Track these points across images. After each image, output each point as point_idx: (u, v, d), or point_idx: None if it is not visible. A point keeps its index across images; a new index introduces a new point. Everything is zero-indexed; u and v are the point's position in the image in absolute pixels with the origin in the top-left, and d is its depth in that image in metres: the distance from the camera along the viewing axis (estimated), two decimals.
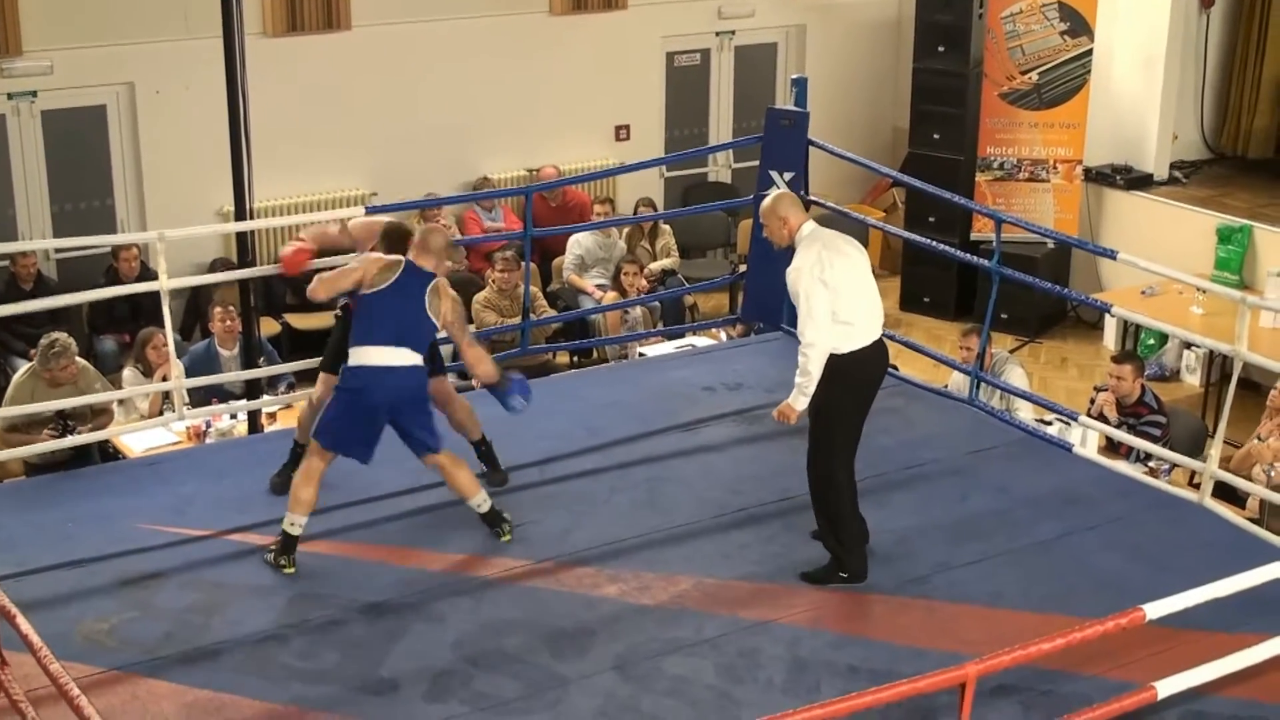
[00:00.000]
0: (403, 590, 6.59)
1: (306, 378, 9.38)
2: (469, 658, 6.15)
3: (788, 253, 8.57)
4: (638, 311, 11.52)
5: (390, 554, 6.92)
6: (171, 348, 8.03)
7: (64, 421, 8.38)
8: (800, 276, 6.57)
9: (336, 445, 6.75)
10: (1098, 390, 9.55)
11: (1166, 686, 4.76)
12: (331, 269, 7.11)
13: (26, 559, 6.74)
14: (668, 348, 10.55)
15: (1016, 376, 9.49)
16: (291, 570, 6.71)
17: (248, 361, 8.95)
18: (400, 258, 6.85)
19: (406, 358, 6.70)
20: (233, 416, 9.11)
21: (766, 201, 6.94)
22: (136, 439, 8.92)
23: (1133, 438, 8.40)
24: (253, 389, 8.91)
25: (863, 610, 6.62)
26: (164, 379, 8.67)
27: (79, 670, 5.75)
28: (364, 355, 6.69)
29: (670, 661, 6.17)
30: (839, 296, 6.56)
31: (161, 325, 8.20)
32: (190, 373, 9.37)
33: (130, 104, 12.07)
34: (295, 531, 6.71)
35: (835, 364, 6.54)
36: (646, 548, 7.02)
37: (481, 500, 7.01)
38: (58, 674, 4.12)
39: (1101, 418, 9.08)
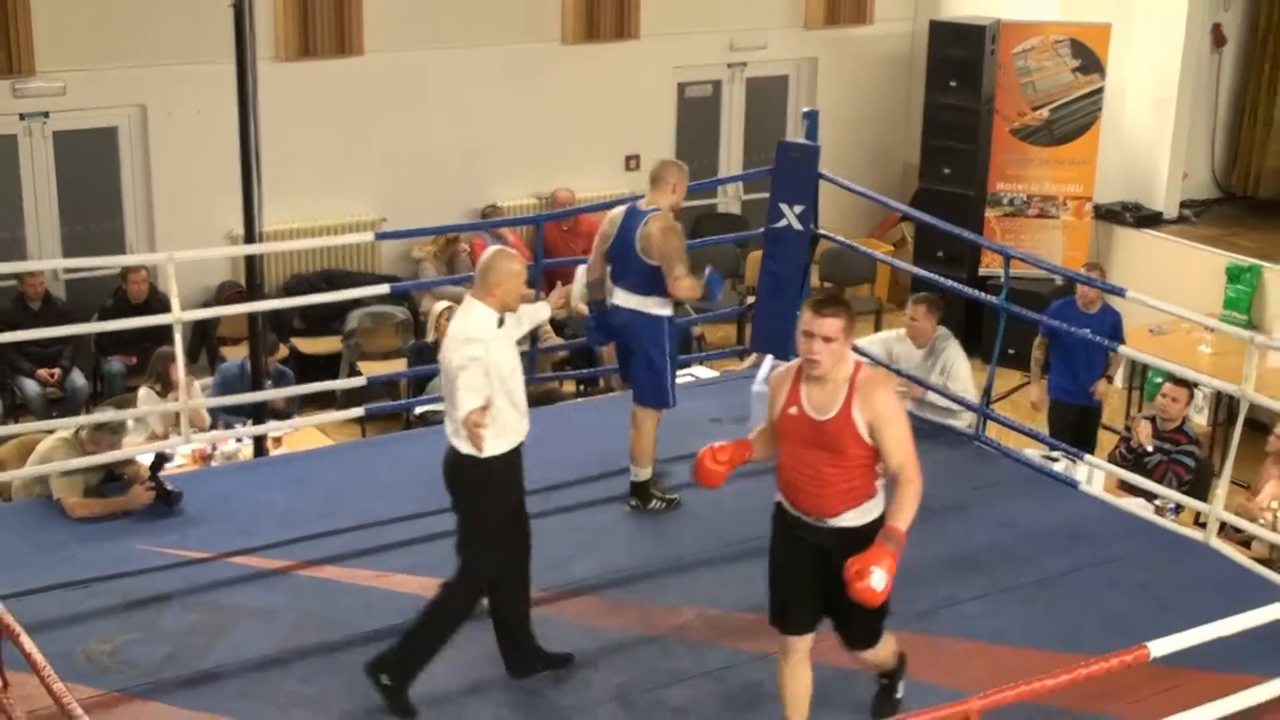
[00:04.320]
0: (405, 617, 6.56)
1: (314, 401, 9.48)
2: (470, 687, 6.15)
3: (791, 285, 8.59)
4: None
5: (393, 580, 6.92)
6: (181, 372, 8.06)
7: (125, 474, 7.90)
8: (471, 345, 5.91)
9: None
10: (1131, 419, 9.59)
11: None
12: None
13: (30, 578, 6.76)
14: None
15: (956, 354, 9.19)
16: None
17: (256, 386, 8.97)
18: None
19: None
20: (238, 440, 9.12)
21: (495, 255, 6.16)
22: (143, 461, 8.93)
23: (1146, 481, 8.33)
24: (259, 413, 8.94)
25: None
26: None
27: (82, 692, 5.75)
28: None
29: (672, 693, 6.17)
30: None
31: (170, 344, 8.20)
32: (221, 391, 9.42)
33: (142, 126, 12.12)
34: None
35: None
36: (649, 577, 7.03)
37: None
38: (60, 694, 4.13)
39: (1126, 452, 9.11)
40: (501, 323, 6.00)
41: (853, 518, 5.42)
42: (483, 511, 5.99)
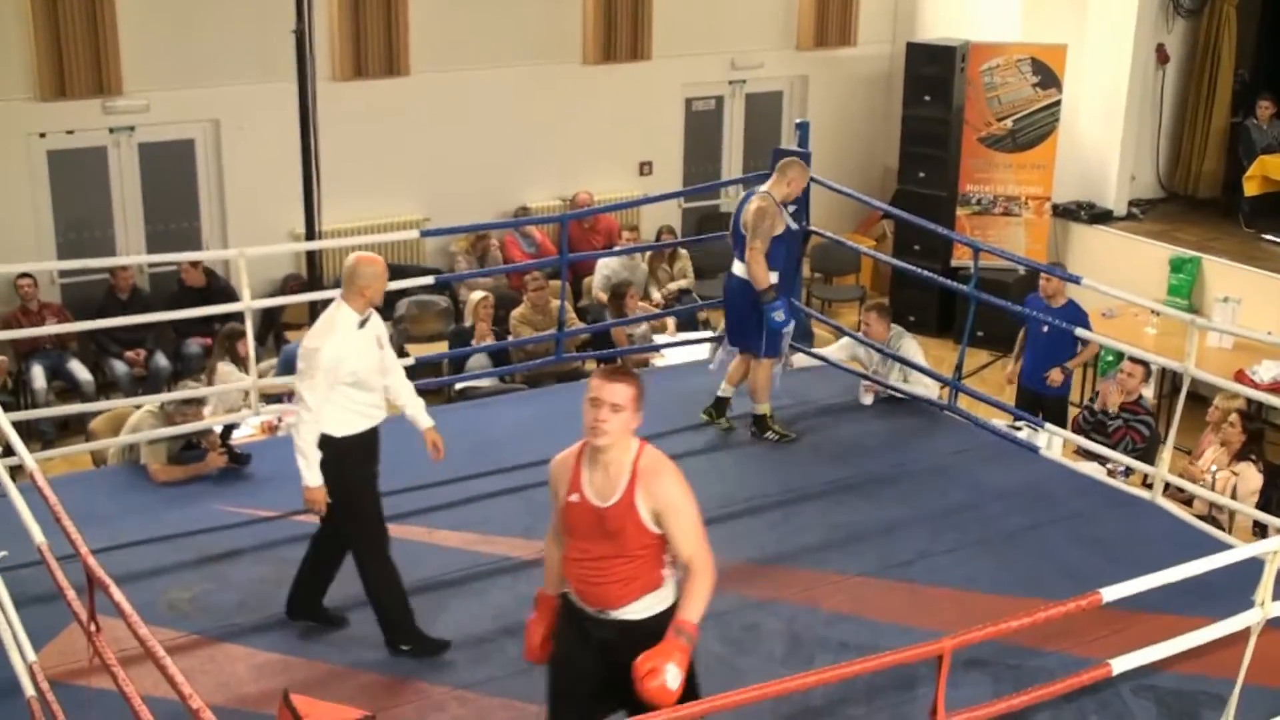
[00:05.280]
0: (449, 568, 6.59)
1: None
2: (505, 628, 6.14)
3: (786, 275, 8.50)
4: (644, 328, 11.49)
5: (440, 536, 6.93)
6: (251, 353, 8.04)
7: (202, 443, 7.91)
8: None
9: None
10: (1100, 388, 9.57)
11: (1120, 664, 4.74)
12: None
13: (119, 535, 6.78)
14: (675, 360, 10.51)
15: (912, 349, 9.12)
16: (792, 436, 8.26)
17: None
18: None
19: None
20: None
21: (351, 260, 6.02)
22: (217, 430, 8.92)
23: (1099, 447, 8.31)
24: None
25: (852, 592, 6.60)
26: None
27: (164, 635, 5.77)
28: None
29: None
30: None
31: (241, 324, 8.20)
32: (284, 370, 9.41)
33: (215, 138, 12.11)
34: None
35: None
36: None
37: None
38: (145, 638, 4.11)
39: (1089, 415, 9.09)
40: (364, 323, 5.91)
41: (638, 610, 4.55)
42: (342, 482, 5.88)
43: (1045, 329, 9.20)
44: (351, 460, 5.88)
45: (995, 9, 13.91)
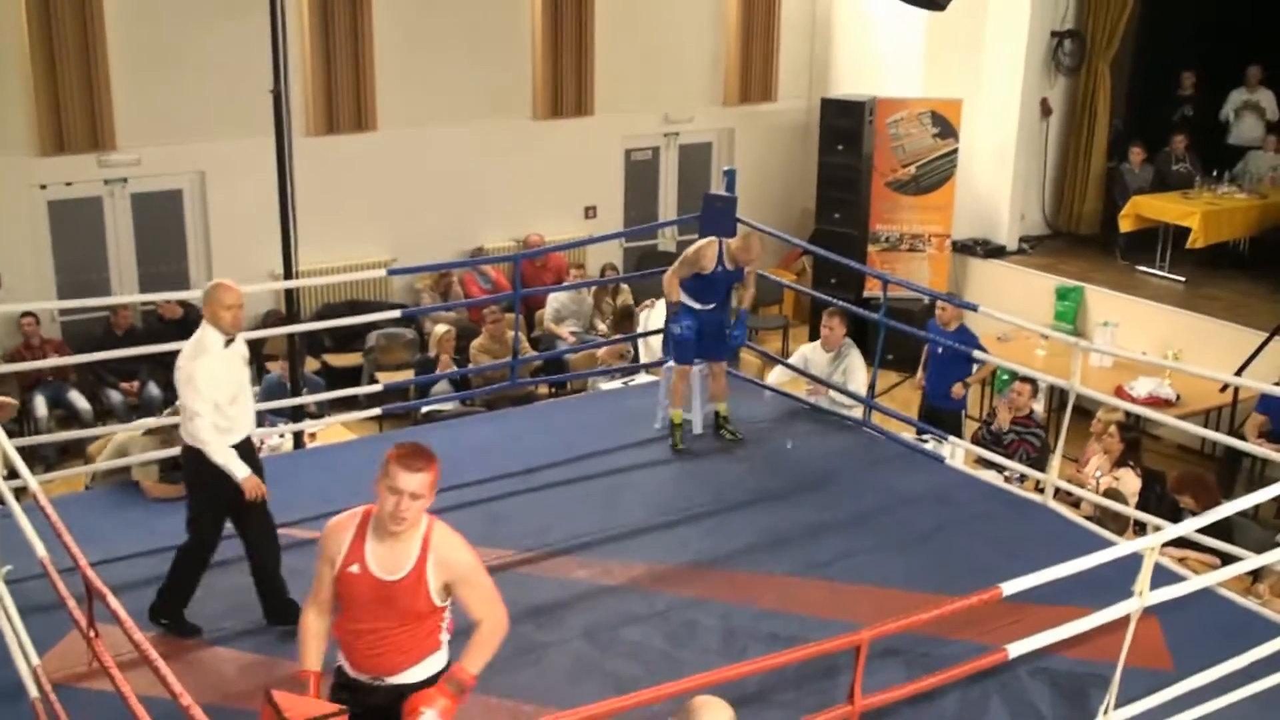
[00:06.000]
0: None
1: (341, 404, 9.38)
2: (466, 630, 6.09)
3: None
4: (625, 347, 11.52)
5: None
6: None
7: None
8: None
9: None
10: (994, 406, 9.63)
11: (1016, 649, 4.76)
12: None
13: (115, 548, 6.67)
14: (617, 383, 10.50)
15: (856, 359, 9.24)
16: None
17: (294, 392, 8.87)
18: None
19: None
20: (281, 436, 9.01)
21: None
22: None
23: (996, 457, 8.39)
24: (297, 414, 8.84)
25: (779, 590, 6.59)
26: None
27: (157, 639, 5.68)
28: None
29: (628, 630, 6.15)
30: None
31: None
32: (266, 396, 9.33)
33: (201, 188, 11.99)
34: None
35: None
36: (609, 539, 7.00)
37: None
38: (140, 642, 4.05)
39: (987, 433, 9.14)
40: (230, 342, 5.96)
41: (414, 674, 4.21)
42: (203, 488, 5.98)
43: (940, 350, 9.31)
44: (210, 469, 5.91)
45: (899, 68, 14.04)
